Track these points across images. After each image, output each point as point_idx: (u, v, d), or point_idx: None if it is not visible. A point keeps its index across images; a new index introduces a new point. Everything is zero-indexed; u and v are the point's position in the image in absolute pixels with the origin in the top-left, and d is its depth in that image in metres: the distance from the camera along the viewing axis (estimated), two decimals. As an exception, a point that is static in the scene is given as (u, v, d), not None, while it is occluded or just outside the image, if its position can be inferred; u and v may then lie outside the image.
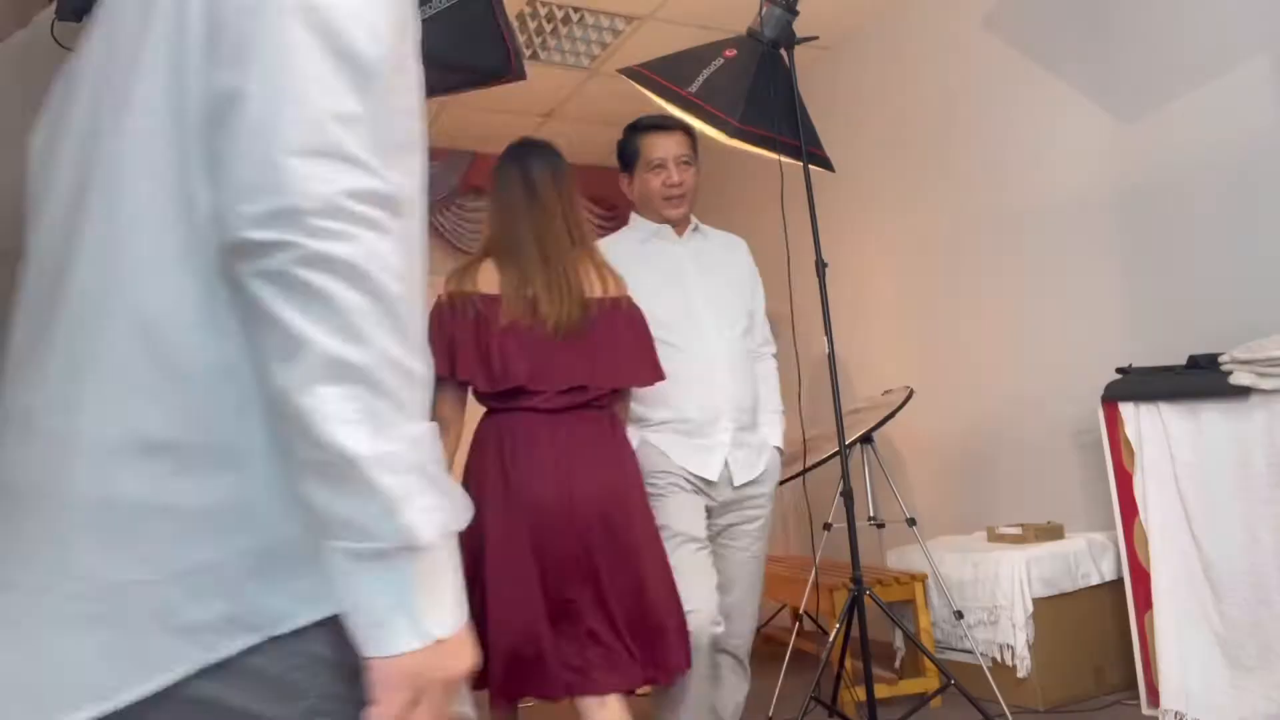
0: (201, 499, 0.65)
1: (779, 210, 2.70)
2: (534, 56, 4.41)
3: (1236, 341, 2.55)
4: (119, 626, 0.63)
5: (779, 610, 4.65)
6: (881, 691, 3.09)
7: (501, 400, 1.91)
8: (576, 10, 4.07)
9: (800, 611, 3.51)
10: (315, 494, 0.63)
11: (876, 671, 3.11)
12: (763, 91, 2.72)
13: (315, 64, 0.64)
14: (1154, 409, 2.69)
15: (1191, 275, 3.02)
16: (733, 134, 2.70)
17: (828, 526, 3.33)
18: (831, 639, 2.86)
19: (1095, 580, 3.10)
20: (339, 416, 0.61)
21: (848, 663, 2.94)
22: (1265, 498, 2.41)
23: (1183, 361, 2.69)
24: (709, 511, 2.36)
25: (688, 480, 2.32)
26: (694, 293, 2.40)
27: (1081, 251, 3.41)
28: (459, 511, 0.69)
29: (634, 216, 2.56)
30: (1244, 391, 2.44)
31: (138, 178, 0.67)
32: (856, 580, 2.61)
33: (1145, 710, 2.79)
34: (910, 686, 3.23)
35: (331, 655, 0.66)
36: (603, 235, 5.93)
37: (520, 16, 4.09)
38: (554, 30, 4.23)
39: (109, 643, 0.63)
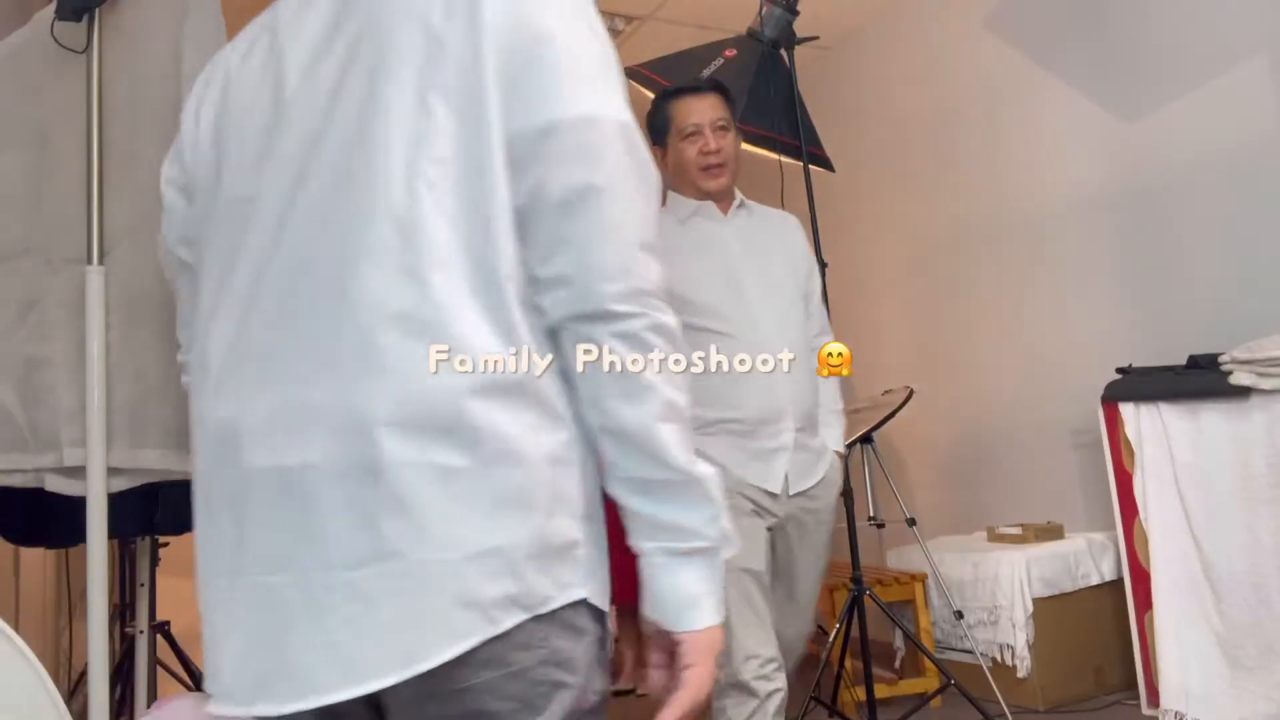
0: (494, 493, 0.76)
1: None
2: (534, 56, 4.40)
3: (1236, 341, 2.55)
4: (425, 600, 0.74)
5: (779, 610, 4.65)
6: (881, 691, 3.09)
7: None
8: (576, 10, 4.07)
9: (800, 611, 3.50)
10: (648, 504, 0.81)
11: (876, 671, 3.11)
12: (763, 91, 2.72)
13: (636, 172, 0.83)
14: (1154, 409, 2.69)
15: (1191, 275, 3.02)
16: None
17: (828, 526, 3.32)
18: (831, 639, 2.86)
19: (1095, 580, 3.10)
20: (681, 445, 0.81)
21: (848, 663, 2.93)
22: (1265, 498, 2.41)
23: (1183, 361, 2.68)
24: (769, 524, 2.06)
25: (746, 498, 2.02)
26: (744, 276, 2.10)
27: (1081, 251, 3.41)
28: None
29: (671, 195, 2.23)
30: (1244, 391, 2.44)
31: (438, 225, 0.78)
32: (856, 580, 2.61)
33: (1145, 710, 2.79)
34: (910, 686, 3.22)
35: (569, 628, 0.80)
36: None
37: (520, 16, 4.08)
38: (554, 30, 4.23)
39: (418, 614, 0.74)
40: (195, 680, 2.78)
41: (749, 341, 1.99)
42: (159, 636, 2.67)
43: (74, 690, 3.26)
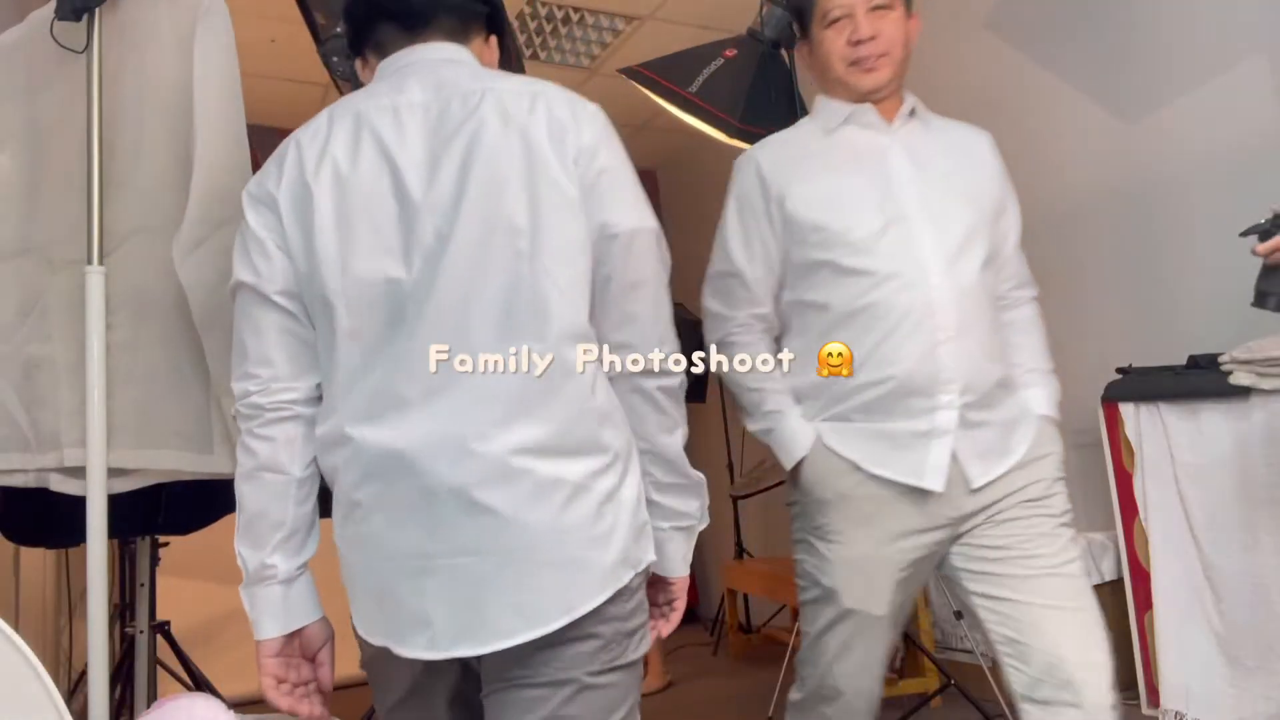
0: (607, 491, 1.08)
1: (779, 210, 2.69)
2: (534, 56, 4.40)
3: (1236, 341, 2.55)
4: (575, 572, 1.05)
5: (779, 610, 4.65)
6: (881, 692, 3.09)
7: None
8: (576, 10, 4.07)
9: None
10: (674, 500, 1.20)
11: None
12: (763, 91, 2.72)
13: (664, 269, 1.20)
14: (1154, 409, 2.69)
15: (1192, 275, 3.02)
16: (733, 134, 2.70)
17: (828, 526, 3.32)
18: (831, 639, 2.86)
19: (1095, 580, 3.10)
20: (687, 460, 1.22)
21: (848, 663, 2.93)
22: (1265, 498, 2.41)
23: (1183, 361, 2.69)
24: (936, 539, 1.57)
25: (879, 501, 1.54)
26: (905, 199, 1.59)
27: (1081, 251, 3.40)
28: None
29: (818, 100, 1.75)
30: (1244, 391, 2.44)
31: (562, 302, 1.09)
32: (856, 580, 2.60)
33: (1145, 710, 2.79)
34: (910, 686, 3.23)
35: (644, 581, 1.15)
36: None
37: (520, 16, 4.09)
38: (554, 30, 4.23)
39: (570, 580, 1.05)
40: (195, 680, 2.78)
41: (906, 283, 1.53)
42: (159, 636, 2.67)
43: (74, 690, 3.26)
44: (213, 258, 1.30)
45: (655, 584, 1.21)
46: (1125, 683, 3.02)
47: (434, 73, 1.16)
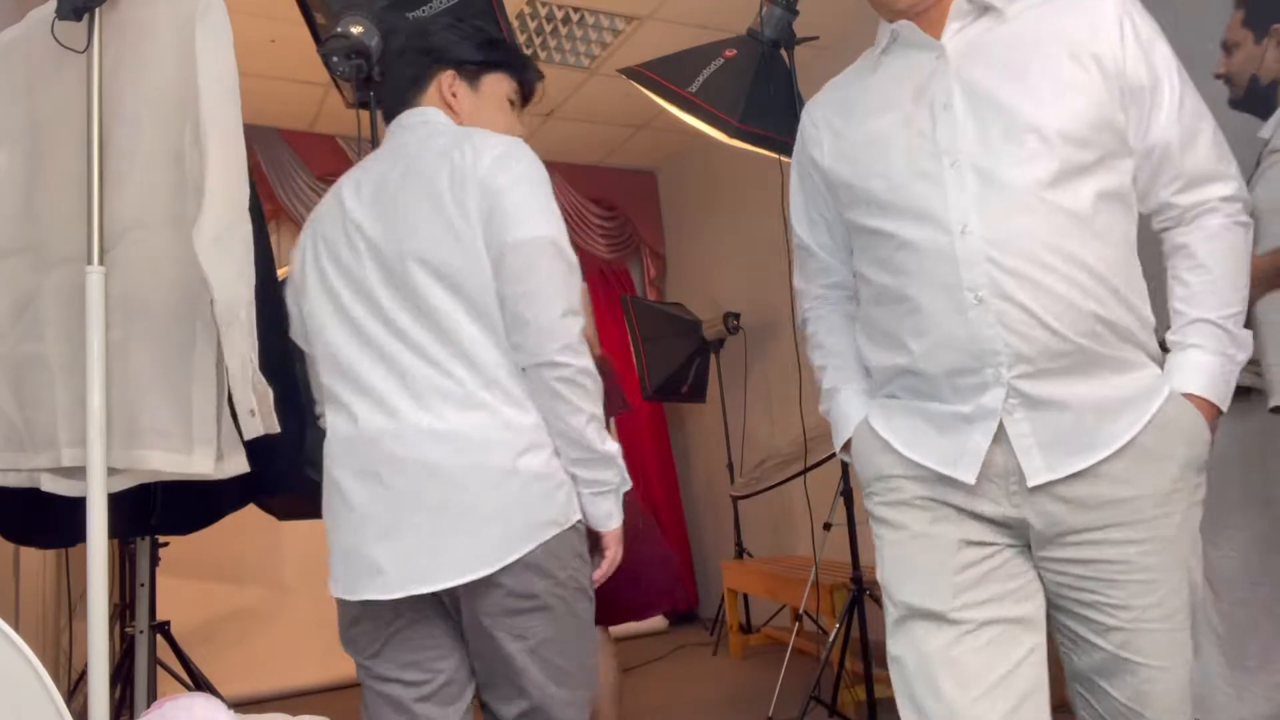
0: (540, 466, 1.35)
1: (779, 210, 2.70)
2: (534, 56, 4.40)
3: (1236, 341, 2.55)
4: (507, 525, 1.31)
5: (779, 610, 4.65)
6: (881, 691, 3.09)
7: None
8: (576, 10, 4.07)
9: (800, 611, 3.51)
10: (586, 470, 1.39)
11: (876, 671, 3.10)
12: (763, 91, 2.72)
13: (560, 272, 1.39)
14: (1154, 409, 2.68)
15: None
16: (733, 134, 2.70)
17: (828, 526, 3.33)
18: (831, 639, 2.86)
19: (1095, 580, 3.10)
20: (598, 437, 1.39)
21: (848, 663, 2.93)
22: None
23: (1183, 361, 2.68)
24: (995, 545, 1.26)
25: (929, 497, 1.29)
26: (943, 133, 1.25)
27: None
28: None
29: (883, 27, 1.40)
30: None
31: (466, 320, 1.38)
32: (856, 580, 2.61)
33: (1145, 710, 2.79)
34: (910, 686, 3.22)
35: (579, 537, 1.41)
36: (602, 237, 5.83)
37: (520, 16, 4.09)
38: (554, 30, 4.23)
39: (503, 534, 1.31)
40: (195, 680, 2.78)
41: (929, 239, 1.24)
42: (159, 636, 2.67)
43: (74, 690, 3.26)
44: (230, 253, 1.30)
45: (591, 536, 1.44)
46: (1125, 683, 3.01)
47: (390, 142, 1.50)
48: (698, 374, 5.36)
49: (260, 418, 1.31)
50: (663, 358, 5.22)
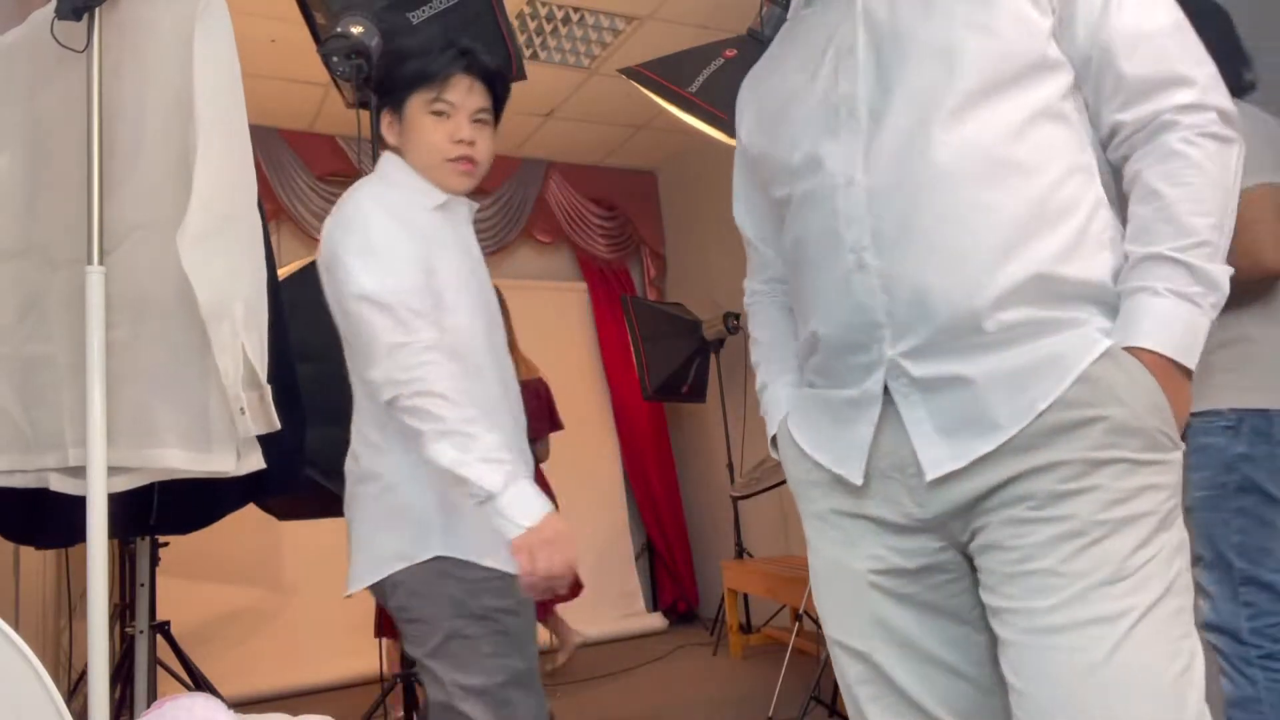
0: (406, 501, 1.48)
1: (779, 210, 2.69)
2: (534, 56, 4.40)
3: (1237, 341, 2.55)
4: (403, 534, 1.45)
5: (779, 610, 4.65)
6: (881, 691, 3.09)
7: None
8: (576, 10, 4.07)
9: (800, 611, 3.51)
10: (461, 488, 1.39)
11: (876, 671, 3.10)
12: (763, 91, 2.72)
13: (370, 319, 1.42)
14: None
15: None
16: (732, 134, 2.70)
17: (828, 526, 3.32)
18: (831, 639, 2.86)
19: (1095, 580, 3.10)
20: (449, 459, 1.37)
21: (848, 663, 2.93)
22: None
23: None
24: (911, 549, 1.06)
25: (830, 502, 1.13)
26: (845, 85, 1.09)
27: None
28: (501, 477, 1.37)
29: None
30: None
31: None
32: (857, 580, 2.60)
33: (1145, 710, 2.79)
34: (910, 686, 3.22)
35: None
36: (602, 237, 5.85)
37: (520, 16, 4.09)
38: (554, 30, 4.23)
39: (400, 543, 1.45)
40: (195, 680, 2.78)
41: (820, 199, 1.09)
42: (159, 636, 2.67)
43: (74, 690, 3.26)
44: (222, 251, 1.30)
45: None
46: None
47: None
48: (698, 374, 5.36)
49: (251, 417, 1.31)
50: (663, 358, 5.22)
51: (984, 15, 1.02)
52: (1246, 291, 1.74)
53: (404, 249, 1.42)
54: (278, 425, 1.41)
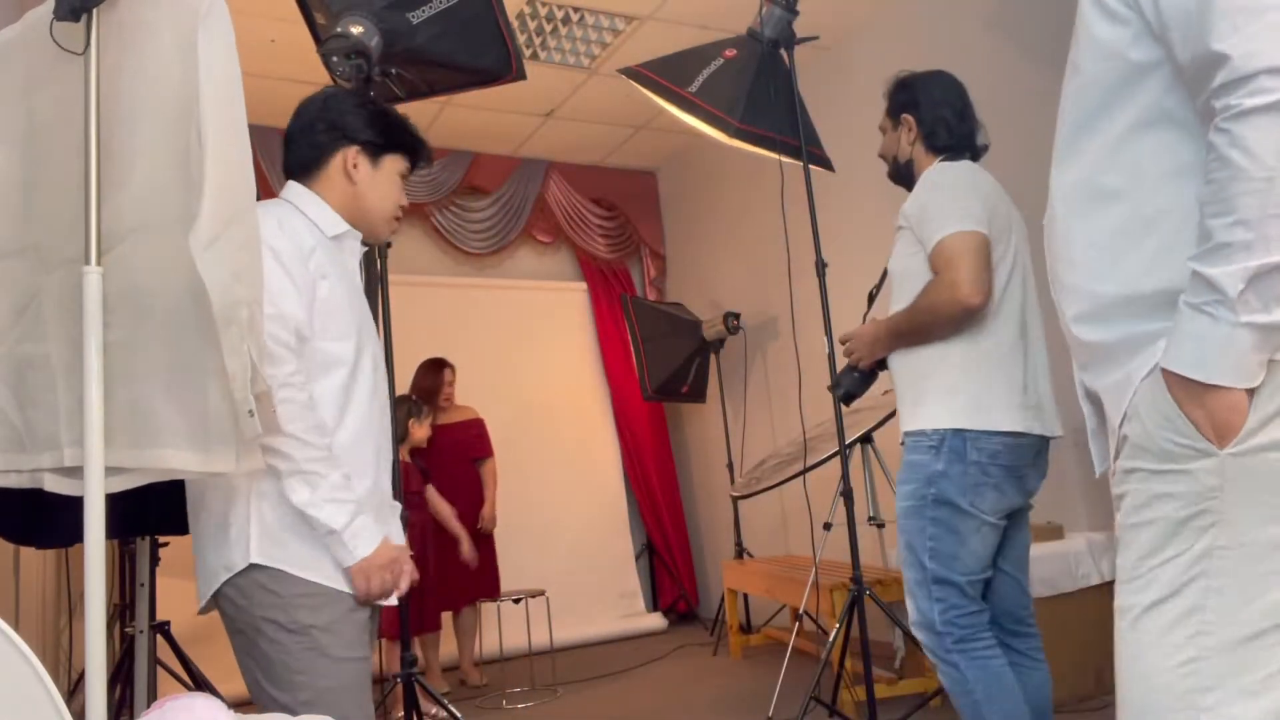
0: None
1: (779, 210, 2.70)
2: (534, 56, 4.41)
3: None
4: (223, 554, 1.50)
5: (779, 610, 4.65)
6: (881, 691, 3.09)
7: None
8: (576, 10, 4.07)
9: (800, 611, 3.51)
10: (311, 523, 1.52)
11: (876, 671, 3.10)
12: (763, 91, 2.72)
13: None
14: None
15: (1192, 275, 3.01)
16: (733, 134, 2.70)
17: (828, 526, 3.33)
18: (831, 639, 2.86)
19: (1095, 580, 3.10)
20: (310, 502, 1.50)
21: (848, 663, 2.93)
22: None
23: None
24: None
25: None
26: None
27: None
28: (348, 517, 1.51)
29: None
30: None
31: None
32: (856, 580, 2.61)
33: (1145, 710, 2.79)
34: (910, 686, 3.22)
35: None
36: (602, 237, 5.85)
37: (520, 16, 4.09)
38: (554, 30, 4.23)
39: (219, 559, 1.50)
40: (195, 680, 2.78)
41: None
42: (159, 636, 2.67)
43: (74, 690, 3.26)
44: (227, 255, 1.30)
45: None
46: (1125, 683, 3.01)
47: None
48: (698, 374, 5.36)
49: (259, 419, 1.31)
50: (663, 358, 5.22)
51: (1075, 52, 1.14)
52: (951, 322, 1.92)
53: (279, 281, 1.49)
54: (280, 428, 1.41)
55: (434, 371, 4.33)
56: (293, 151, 1.72)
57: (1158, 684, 1.03)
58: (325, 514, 1.47)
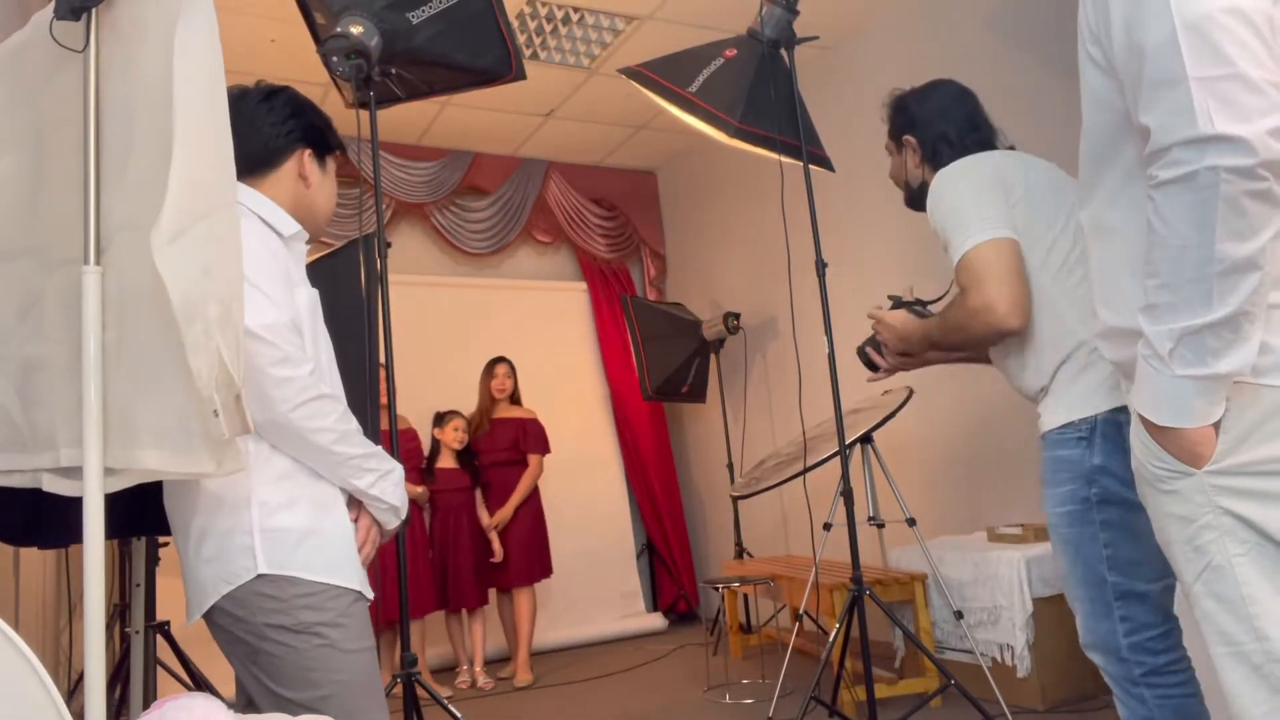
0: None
1: (779, 210, 2.69)
2: (534, 56, 4.40)
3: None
4: (221, 566, 1.46)
5: (779, 610, 4.65)
6: (881, 691, 3.09)
7: None
8: (576, 10, 4.07)
9: (800, 611, 3.51)
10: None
11: (876, 671, 3.11)
12: (763, 91, 2.72)
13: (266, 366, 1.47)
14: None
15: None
16: (733, 134, 2.70)
17: (828, 526, 3.33)
18: (831, 639, 2.86)
19: (1095, 580, 3.10)
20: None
21: (848, 663, 2.93)
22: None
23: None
24: None
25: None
26: None
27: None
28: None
29: None
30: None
31: None
32: (856, 580, 2.60)
33: (1145, 710, 2.79)
34: (910, 686, 3.22)
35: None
36: (602, 237, 5.84)
37: (520, 16, 4.09)
38: (554, 30, 4.23)
39: (218, 571, 1.46)
40: (195, 680, 2.78)
41: None
42: (159, 636, 2.67)
43: (74, 690, 3.26)
44: (195, 250, 1.28)
45: None
46: (1125, 683, 3.01)
47: None
48: (698, 374, 5.36)
49: (225, 419, 1.29)
50: (663, 358, 5.22)
51: (1082, 96, 1.18)
52: (986, 345, 1.79)
53: (273, 285, 1.49)
54: (252, 429, 1.37)
55: (488, 368, 4.68)
56: (251, 135, 1.67)
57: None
58: (379, 490, 1.57)
